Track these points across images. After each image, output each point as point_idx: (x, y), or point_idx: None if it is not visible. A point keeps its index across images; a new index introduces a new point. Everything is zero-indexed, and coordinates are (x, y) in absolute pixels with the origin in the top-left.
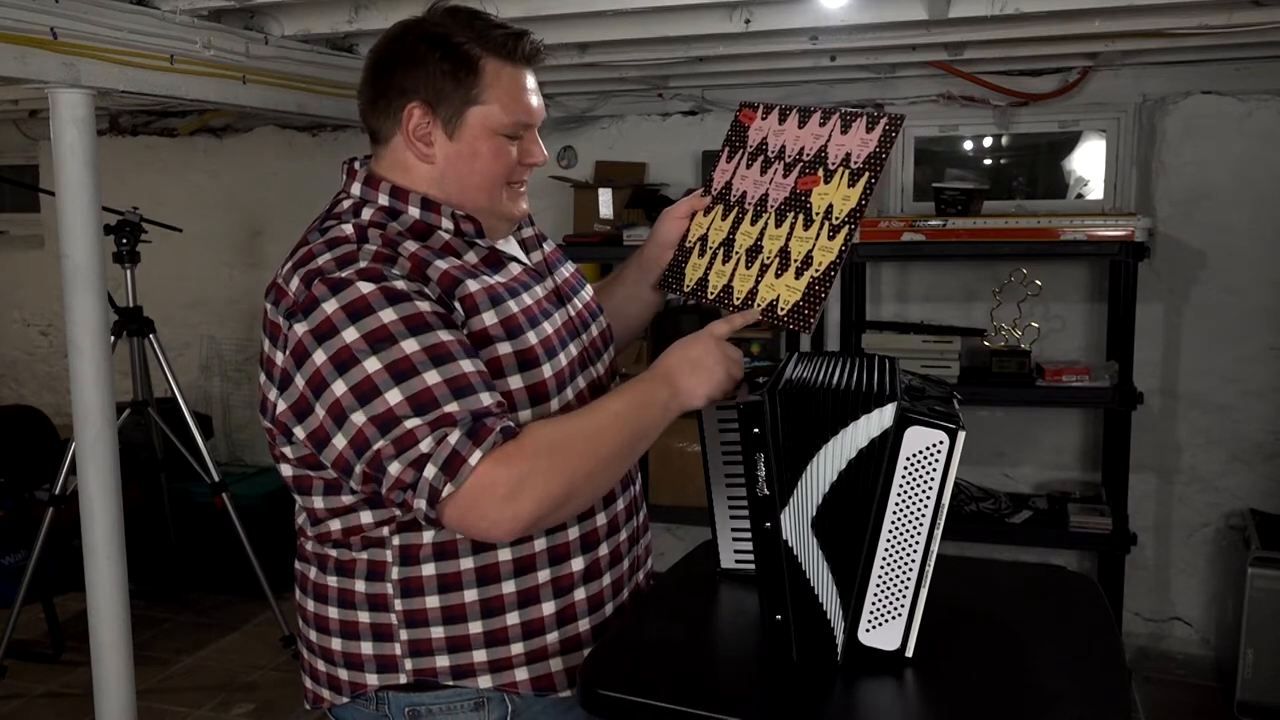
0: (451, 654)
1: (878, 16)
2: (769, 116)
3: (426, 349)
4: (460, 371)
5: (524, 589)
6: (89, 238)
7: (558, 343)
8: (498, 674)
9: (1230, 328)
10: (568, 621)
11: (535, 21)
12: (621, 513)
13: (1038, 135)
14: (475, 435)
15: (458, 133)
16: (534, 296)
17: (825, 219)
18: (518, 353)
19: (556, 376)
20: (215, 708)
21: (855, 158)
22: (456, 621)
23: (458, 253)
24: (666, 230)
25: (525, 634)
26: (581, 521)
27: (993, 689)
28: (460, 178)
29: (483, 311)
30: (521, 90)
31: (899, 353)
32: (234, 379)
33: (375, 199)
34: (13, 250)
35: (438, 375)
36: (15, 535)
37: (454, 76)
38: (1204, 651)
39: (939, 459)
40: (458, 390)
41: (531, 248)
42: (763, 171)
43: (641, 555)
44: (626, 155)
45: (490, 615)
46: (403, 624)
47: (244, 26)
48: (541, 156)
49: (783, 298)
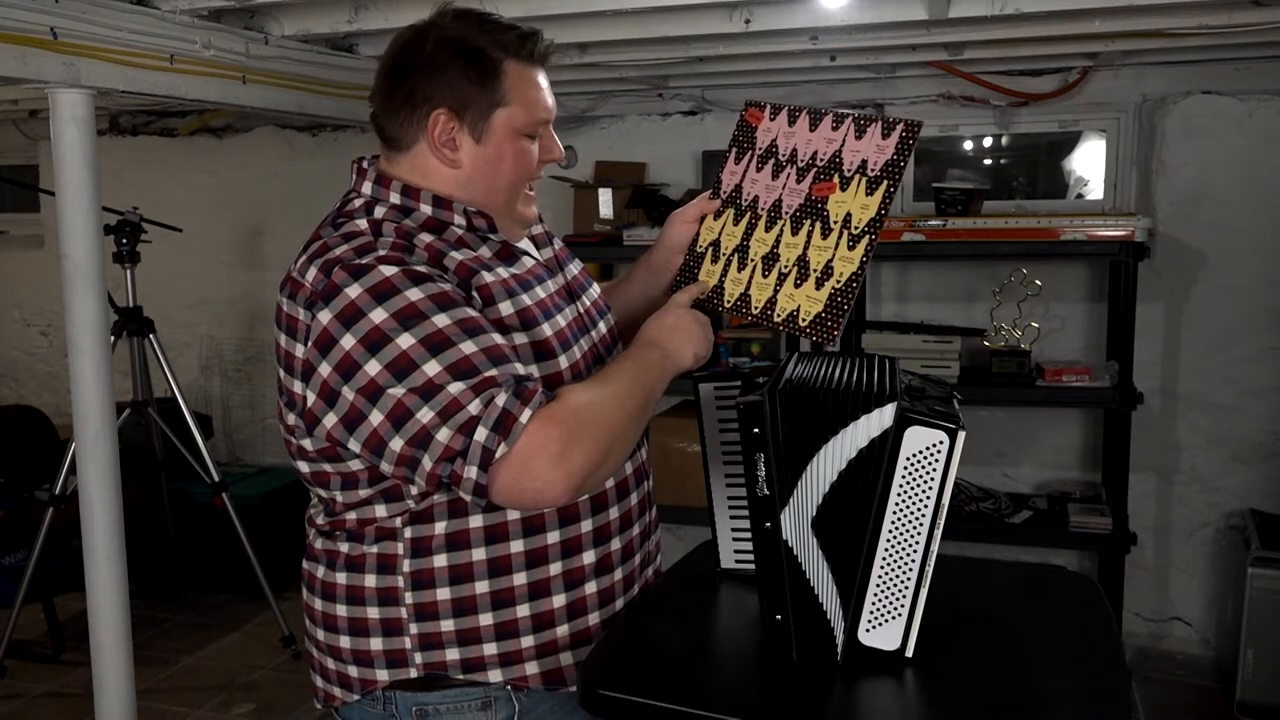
0: (462, 647)
1: (878, 16)
2: (777, 117)
3: (458, 322)
4: (495, 342)
5: (535, 581)
6: (89, 238)
7: (570, 336)
8: (508, 668)
9: (1230, 328)
10: (578, 615)
11: (535, 21)
12: (635, 507)
13: (1038, 135)
14: (521, 395)
15: (485, 137)
16: (546, 291)
17: (844, 228)
18: (534, 344)
19: (572, 369)
20: (215, 708)
21: (872, 165)
22: (467, 614)
23: (471, 246)
24: (675, 234)
25: (535, 627)
26: (595, 515)
27: (993, 689)
28: (486, 181)
29: (499, 302)
30: (539, 89)
31: (899, 353)
32: (234, 379)
33: (387, 198)
34: (13, 250)
35: (474, 345)
36: (15, 535)
37: (479, 82)
38: (1204, 651)
39: (939, 459)
40: (495, 359)
41: (542, 244)
42: (774, 175)
43: (652, 551)
44: (626, 155)
45: (501, 607)
46: (413, 617)
47: (244, 26)
48: (559, 151)
49: (804, 308)
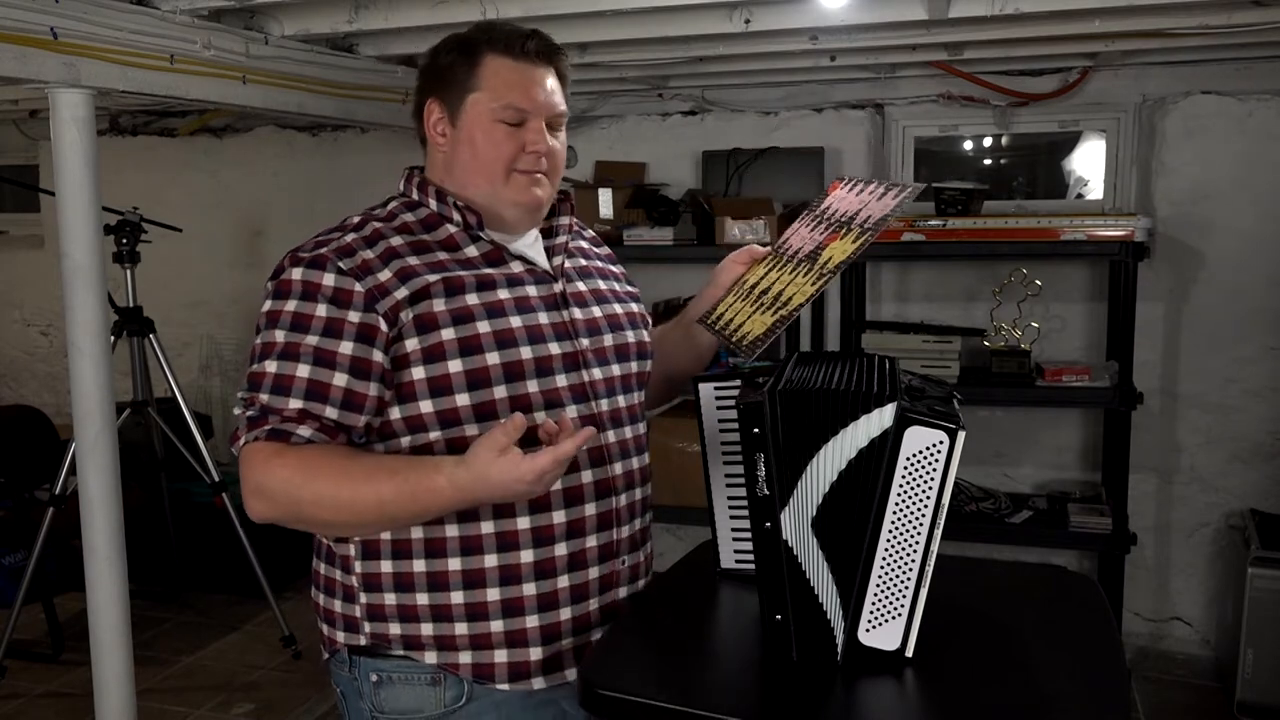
0: (403, 623)
1: (878, 16)
2: (849, 188)
3: (285, 343)
4: (291, 373)
5: (470, 569)
6: (89, 238)
7: (523, 338)
8: (443, 652)
9: (1230, 328)
10: (514, 614)
11: (535, 21)
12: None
13: (1038, 135)
14: (253, 423)
15: (459, 119)
16: (517, 293)
17: (820, 268)
18: (462, 339)
19: (506, 366)
20: (215, 708)
21: (870, 219)
22: (405, 590)
23: (458, 245)
24: (722, 273)
25: (470, 616)
26: (564, 509)
27: (993, 689)
28: (462, 163)
29: (434, 298)
30: (520, 80)
31: (899, 353)
32: (234, 379)
33: (410, 193)
34: (13, 250)
35: (275, 367)
36: (15, 535)
37: (454, 68)
38: (1204, 651)
39: (939, 459)
40: (276, 386)
41: (558, 252)
42: (811, 230)
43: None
44: (626, 155)
45: (436, 590)
46: (361, 586)
47: (244, 26)
48: (543, 145)
49: (753, 331)
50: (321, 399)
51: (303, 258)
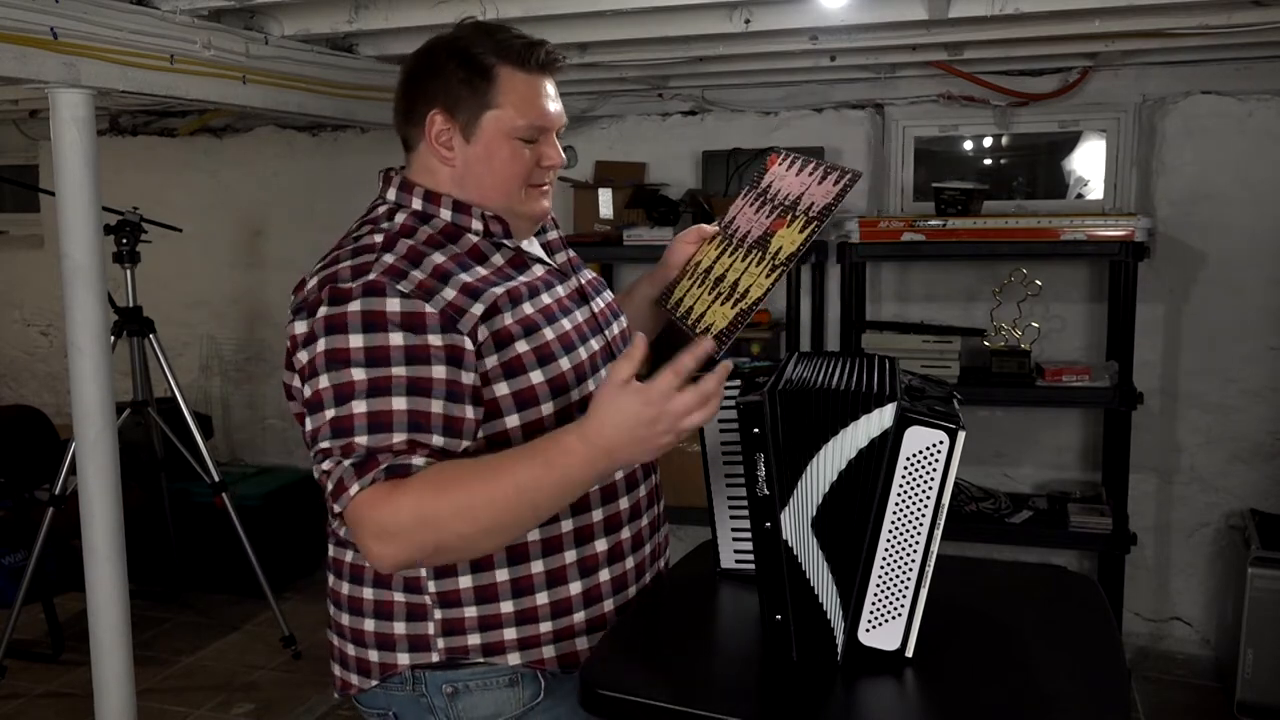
0: (484, 632)
1: (878, 16)
2: (787, 164)
3: (369, 380)
4: (386, 408)
5: (552, 569)
6: (89, 238)
7: (577, 338)
8: (526, 651)
9: (1230, 328)
10: (594, 602)
11: (535, 21)
12: (644, 498)
13: (1038, 135)
14: (361, 468)
15: (474, 136)
16: (554, 296)
17: (773, 259)
18: (535, 349)
19: (575, 370)
20: (215, 708)
21: (814, 207)
22: (489, 601)
23: (485, 255)
24: (673, 253)
25: (554, 614)
26: (605, 504)
27: (993, 689)
28: (478, 179)
29: (504, 312)
30: (536, 95)
31: (899, 353)
32: (234, 379)
33: (409, 203)
34: (13, 250)
35: (365, 405)
36: (15, 535)
37: (469, 83)
38: (1204, 651)
39: (939, 459)
40: (374, 425)
41: (556, 250)
42: (756, 211)
43: (662, 543)
44: (626, 155)
45: (520, 595)
46: (436, 604)
47: (244, 26)
48: (558, 159)
49: (717, 324)
50: (425, 429)
51: (348, 289)
